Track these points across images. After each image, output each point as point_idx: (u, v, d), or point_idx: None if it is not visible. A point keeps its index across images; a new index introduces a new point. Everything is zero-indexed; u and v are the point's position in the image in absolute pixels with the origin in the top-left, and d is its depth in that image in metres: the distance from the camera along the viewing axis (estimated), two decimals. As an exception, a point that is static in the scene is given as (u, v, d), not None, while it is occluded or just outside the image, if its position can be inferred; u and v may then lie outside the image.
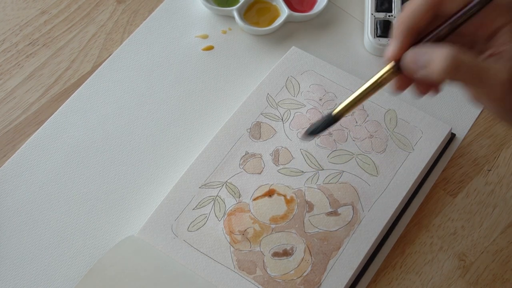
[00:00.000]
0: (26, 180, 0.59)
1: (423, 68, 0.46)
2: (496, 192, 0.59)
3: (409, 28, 0.47)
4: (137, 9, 0.69)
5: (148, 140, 0.61)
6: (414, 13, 0.47)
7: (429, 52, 0.45)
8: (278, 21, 0.66)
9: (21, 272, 0.55)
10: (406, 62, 0.47)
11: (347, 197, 0.56)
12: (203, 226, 0.55)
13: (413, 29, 0.47)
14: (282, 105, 0.61)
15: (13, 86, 0.64)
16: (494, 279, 0.55)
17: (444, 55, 0.45)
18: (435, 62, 0.45)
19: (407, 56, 0.47)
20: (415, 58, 0.46)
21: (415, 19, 0.47)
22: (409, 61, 0.47)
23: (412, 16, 0.47)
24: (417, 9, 0.47)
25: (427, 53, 0.46)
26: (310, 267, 0.53)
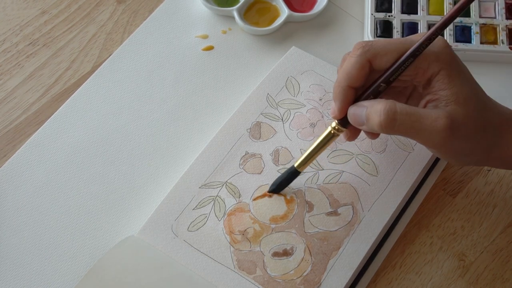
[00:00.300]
0: (26, 180, 0.59)
1: (363, 123, 0.49)
2: (496, 192, 0.59)
3: (346, 88, 0.50)
4: (137, 9, 0.69)
5: (148, 140, 0.61)
6: (349, 74, 0.50)
7: (367, 108, 0.49)
8: (278, 21, 0.66)
9: (21, 272, 0.55)
10: (349, 118, 0.50)
11: (347, 197, 0.56)
12: (203, 226, 0.55)
13: (349, 88, 0.50)
14: (282, 105, 0.61)
15: (13, 86, 0.65)
16: (494, 278, 0.55)
17: (379, 111, 0.48)
18: (373, 117, 0.48)
19: (350, 114, 0.50)
20: (355, 115, 0.50)
21: (350, 80, 0.50)
22: (351, 118, 0.50)
23: (347, 77, 0.50)
24: (351, 70, 0.50)
25: (365, 110, 0.49)
26: (310, 267, 0.53)
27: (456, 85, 0.48)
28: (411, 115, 0.47)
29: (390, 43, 0.49)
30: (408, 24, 0.66)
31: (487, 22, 0.66)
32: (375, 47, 0.49)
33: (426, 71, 0.49)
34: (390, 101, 0.48)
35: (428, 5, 0.67)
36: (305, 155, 0.54)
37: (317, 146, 0.53)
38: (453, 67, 0.48)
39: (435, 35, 0.48)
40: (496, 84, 0.64)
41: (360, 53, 0.49)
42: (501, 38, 0.65)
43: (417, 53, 0.48)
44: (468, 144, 0.49)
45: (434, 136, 0.48)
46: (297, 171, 0.55)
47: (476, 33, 0.65)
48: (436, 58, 0.48)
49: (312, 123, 0.60)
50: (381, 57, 0.49)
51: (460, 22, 0.66)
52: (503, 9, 0.66)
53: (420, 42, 0.48)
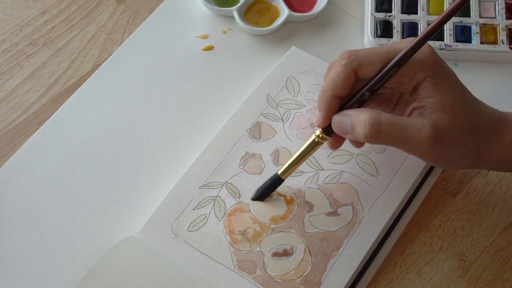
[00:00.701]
0: (26, 180, 0.59)
1: (348, 132, 0.49)
2: (496, 192, 0.59)
3: (330, 98, 0.50)
4: (137, 9, 0.69)
5: (148, 140, 0.61)
6: (334, 83, 0.50)
7: (352, 118, 0.49)
8: (278, 21, 0.66)
9: (21, 272, 0.55)
10: (334, 127, 0.50)
11: (347, 197, 0.56)
12: (203, 226, 0.55)
13: (334, 97, 0.50)
14: (282, 105, 0.61)
15: (13, 86, 0.64)
16: (494, 279, 0.55)
17: (364, 121, 0.48)
18: (358, 127, 0.48)
19: (334, 123, 0.50)
20: (340, 124, 0.50)
21: (335, 89, 0.50)
22: (335, 127, 0.50)
23: (332, 87, 0.50)
24: (336, 79, 0.50)
25: (349, 119, 0.49)
26: (310, 267, 0.53)
27: (441, 92, 0.48)
28: (396, 126, 0.47)
29: (375, 53, 0.49)
30: (408, 24, 0.66)
31: (487, 22, 0.66)
32: (360, 57, 0.49)
33: (412, 79, 0.49)
34: (374, 112, 0.48)
35: (428, 5, 0.67)
36: (288, 163, 0.54)
37: (300, 154, 0.53)
38: (438, 74, 0.48)
39: (419, 44, 0.48)
40: (496, 84, 0.64)
41: (346, 63, 0.49)
42: (501, 38, 0.65)
43: (402, 62, 0.48)
44: (456, 149, 0.49)
45: (420, 145, 0.48)
46: (280, 179, 0.55)
47: (476, 33, 0.65)
48: (422, 66, 0.48)
49: (312, 123, 0.60)
50: (366, 67, 0.49)
51: (460, 22, 0.66)
52: (503, 9, 0.66)
53: (404, 52, 0.48)
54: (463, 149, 0.49)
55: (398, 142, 0.49)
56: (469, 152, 0.50)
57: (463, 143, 0.49)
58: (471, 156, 0.50)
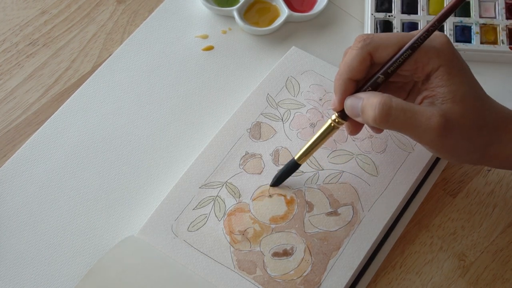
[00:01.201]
0: (26, 180, 0.59)
1: (359, 115, 0.49)
2: (496, 192, 0.59)
3: (346, 81, 0.50)
4: (137, 9, 0.69)
5: (148, 140, 0.61)
6: (350, 66, 0.50)
7: (364, 101, 0.49)
8: (278, 21, 0.66)
9: (21, 272, 0.55)
10: (346, 110, 0.51)
11: (347, 197, 0.56)
12: (203, 226, 0.55)
13: (350, 80, 0.50)
14: (282, 105, 0.61)
15: (13, 86, 0.65)
16: (494, 279, 0.55)
17: (375, 104, 0.48)
18: (368, 110, 0.48)
19: (346, 105, 0.50)
20: (351, 107, 0.50)
21: (351, 72, 0.50)
22: (348, 109, 0.50)
23: (348, 70, 0.50)
24: (352, 62, 0.50)
25: (361, 101, 0.49)
26: (310, 267, 0.53)
27: (454, 83, 0.48)
28: (406, 111, 0.47)
29: (391, 37, 0.49)
30: (408, 24, 0.66)
31: (487, 22, 0.66)
32: (376, 40, 0.49)
33: (425, 66, 0.49)
34: (386, 95, 0.48)
35: (428, 5, 0.67)
36: (305, 148, 0.54)
37: (317, 138, 0.53)
38: (453, 65, 0.48)
39: (433, 27, 0.48)
40: (496, 84, 0.64)
41: (362, 46, 0.49)
42: (501, 38, 0.65)
43: (416, 45, 0.48)
44: (463, 142, 0.49)
45: (428, 134, 0.48)
46: (297, 164, 0.55)
47: (476, 33, 0.65)
48: (437, 54, 0.48)
49: (312, 123, 0.60)
50: (382, 50, 0.49)
51: (460, 22, 0.66)
52: (503, 9, 0.66)
53: (419, 35, 0.48)
54: (470, 144, 0.49)
55: (406, 128, 0.48)
56: (476, 147, 0.50)
57: (471, 137, 0.49)
58: (477, 151, 0.50)
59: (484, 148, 0.50)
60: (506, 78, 0.64)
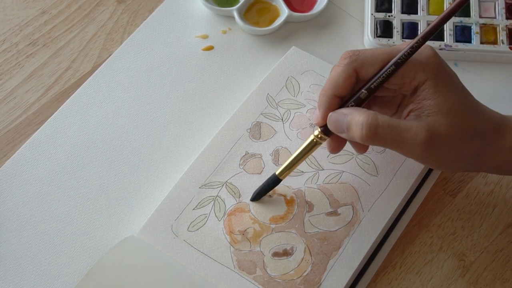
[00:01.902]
0: (26, 180, 0.59)
1: (343, 131, 0.49)
2: (496, 192, 0.59)
3: (331, 96, 0.50)
4: (137, 9, 0.69)
5: (148, 140, 0.61)
6: (335, 83, 0.50)
7: (348, 117, 0.49)
8: (278, 21, 0.66)
9: (21, 272, 0.55)
10: (329, 125, 0.50)
11: (347, 197, 0.56)
12: (203, 226, 0.55)
13: (335, 96, 0.50)
14: (282, 105, 0.61)
15: (13, 86, 0.65)
16: (494, 279, 0.55)
17: (361, 123, 0.48)
18: (354, 128, 0.48)
19: (330, 120, 0.50)
20: (335, 122, 0.50)
21: (336, 88, 0.50)
22: (331, 125, 0.50)
23: (333, 86, 0.50)
24: (337, 79, 0.50)
25: (346, 118, 0.49)
26: (310, 267, 0.53)
27: (441, 95, 0.48)
28: (392, 129, 0.47)
29: (377, 53, 0.49)
30: (408, 24, 0.66)
31: (487, 22, 0.66)
32: (362, 57, 0.49)
33: (412, 80, 0.49)
34: (372, 113, 0.48)
35: (428, 5, 0.67)
36: (287, 163, 0.54)
37: (299, 154, 0.53)
38: (439, 77, 0.48)
39: (418, 44, 0.48)
40: (496, 84, 0.64)
41: (347, 63, 0.49)
42: (501, 38, 0.65)
43: (400, 61, 0.48)
44: (452, 153, 0.49)
45: (414, 149, 0.48)
46: (278, 179, 0.55)
47: (476, 33, 0.65)
48: (423, 68, 0.48)
49: (312, 123, 0.60)
50: (368, 67, 0.49)
51: (460, 22, 0.66)
52: (503, 9, 0.66)
53: (403, 52, 0.48)
54: (461, 153, 0.49)
55: (393, 145, 0.49)
56: (467, 156, 0.50)
57: (461, 147, 0.49)
58: (469, 159, 0.50)
59: (476, 156, 0.50)
60: (506, 78, 0.64)
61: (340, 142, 0.52)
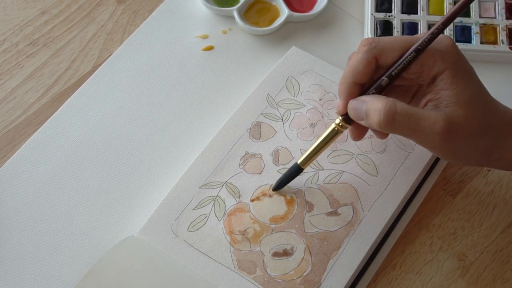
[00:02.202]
0: (26, 180, 0.59)
1: (363, 118, 0.49)
2: (496, 192, 0.59)
3: (351, 84, 0.50)
4: (137, 9, 0.69)
5: (148, 140, 0.61)
6: (355, 70, 0.50)
7: (368, 104, 0.49)
8: (278, 21, 0.66)
9: (21, 272, 0.55)
10: (349, 113, 0.50)
11: (347, 197, 0.56)
12: (203, 226, 0.55)
13: (355, 84, 0.50)
14: (282, 105, 0.61)
15: (13, 86, 0.65)
16: (494, 279, 0.55)
17: (379, 109, 0.48)
18: (372, 114, 0.48)
19: (350, 108, 0.50)
20: (355, 110, 0.50)
21: (356, 76, 0.50)
22: (351, 112, 0.50)
23: (353, 73, 0.50)
24: (357, 66, 0.50)
25: (365, 105, 0.49)
26: (310, 267, 0.53)
27: (458, 86, 0.48)
28: (410, 116, 0.47)
29: (396, 40, 0.49)
30: (408, 24, 0.66)
31: (487, 22, 0.66)
32: (381, 44, 0.49)
33: (431, 69, 0.49)
34: (390, 100, 0.48)
35: (428, 5, 0.67)
36: (308, 152, 0.54)
37: (320, 142, 0.53)
38: (458, 68, 0.48)
39: (438, 30, 0.48)
40: (496, 84, 0.64)
41: (367, 50, 0.49)
42: (501, 38, 0.65)
43: (420, 47, 0.48)
44: (467, 145, 0.49)
45: (432, 138, 0.48)
46: (300, 168, 0.55)
47: (476, 33, 0.65)
48: (442, 57, 0.48)
49: (312, 123, 0.60)
50: (387, 53, 0.49)
51: (460, 22, 0.66)
52: (503, 9, 0.66)
53: (424, 38, 0.48)
54: (474, 146, 0.49)
55: (410, 133, 0.48)
56: (480, 150, 0.49)
57: (475, 140, 0.49)
58: (481, 154, 0.50)
59: (488, 150, 0.50)
60: (506, 78, 0.64)
61: (362, 130, 0.53)
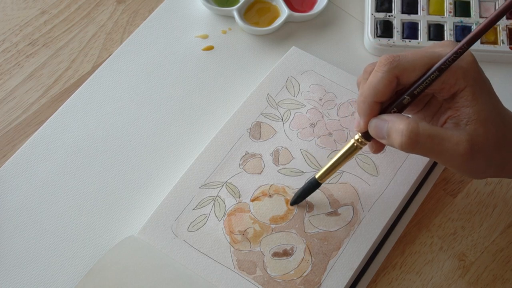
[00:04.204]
0: (26, 180, 0.59)
1: (384, 137, 0.49)
2: (496, 192, 0.59)
3: (372, 104, 0.49)
4: (137, 9, 0.69)
5: (148, 140, 0.61)
6: (375, 89, 0.49)
7: (389, 124, 0.48)
8: (278, 21, 0.66)
9: (21, 272, 0.55)
10: (370, 131, 0.50)
11: (347, 197, 0.56)
12: (203, 226, 0.55)
13: (376, 103, 0.49)
14: (282, 105, 0.61)
15: (13, 86, 0.64)
16: (494, 279, 0.55)
17: (401, 130, 0.47)
18: (394, 135, 0.48)
19: (371, 127, 0.50)
20: (376, 129, 0.49)
21: (376, 95, 0.49)
22: (372, 131, 0.50)
23: (374, 93, 0.49)
24: (377, 85, 0.48)
25: (387, 125, 0.48)
26: (310, 267, 0.53)
27: (479, 103, 0.47)
28: (433, 137, 0.47)
29: (417, 58, 0.48)
30: (408, 24, 0.66)
31: (487, 22, 0.66)
32: (402, 63, 0.48)
33: (452, 86, 0.48)
34: (412, 121, 0.47)
35: (428, 5, 0.67)
36: (326, 167, 0.53)
37: (339, 158, 0.52)
38: (478, 84, 0.48)
39: (462, 49, 0.46)
40: (496, 84, 0.63)
41: (388, 69, 0.48)
42: (501, 38, 0.65)
43: (443, 67, 0.47)
44: (485, 162, 0.48)
45: (455, 159, 0.47)
46: (318, 183, 0.54)
47: (476, 33, 0.65)
48: (464, 74, 0.47)
49: (312, 123, 0.60)
50: (409, 72, 0.48)
51: (460, 22, 0.66)
52: (503, 9, 0.66)
53: (446, 58, 0.47)
54: (490, 162, 0.49)
55: (433, 154, 0.48)
56: (494, 165, 0.49)
57: (492, 156, 0.48)
58: (495, 168, 0.50)
59: (502, 165, 0.50)
60: (506, 78, 0.64)
61: (381, 145, 0.52)
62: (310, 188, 0.55)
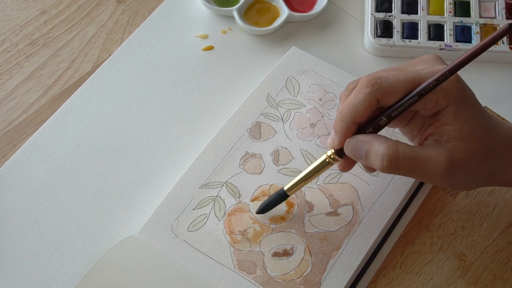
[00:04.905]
0: (26, 180, 0.59)
1: (362, 158, 0.49)
2: (496, 192, 0.59)
3: (350, 123, 0.49)
4: (137, 9, 0.69)
5: (148, 140, 0.61)
6: (355, 110, 0.48)
7: (367, 146, 0.48)
8: (278, 21, 0.66)
9: (21, 272, 0.55)
10: (346, 151, 0.50)
11: (347, 197, 0.56)
12: (203, 226, 0.55)
13: (354, 123, 0.49)
14: (282, 105, 0.61)
15: (13, 86, 0.64)
16: (494, 279, 0.55)
17: (381, 154, 0.47)
18: (374, 159, 0.48)
19: (348, 146, 0.49)
20: (354, 149, 0.49)
21: (355, 116, 0.49)
22: (349, 152, 0.49)
23: (353, 114, 0.49)
24: (357, 106, 0.48)
25: (365, 145, 0.48)
26: (310, 267, 0.53)
27: (461, 120, 0.47)
28: (413, 160, 0.47)
29: (399, 81, 0.47)
30: (408, 24, 0.66)
31: (487, 22, 0.66)
32: (384, 86, 0.47)
33: (434, 106, 0.48)
34: (392, 144, 0.47)
35: (428, 5, 0.67)
36: (296, 180, 0.53)
37: (310, 172, 0.52)
38: (460, 102, 0.48)
39: (444, 77, 0.46)
40: (496, 84, 0.64)
41: (369, 92, 0.47)
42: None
43: (423, 92, 0.47)
44: (471, 175, 0.49)
45: (435, 178, 0.48)
46: (286, 194, 0.54)
47: (476, 33, 0.65)
48: (445, 94, 0.47)
49: (312, 123, 0.60)
50: (390, 96, 0.48)
51: (460, 22, 0.66)
52: (503, 9, 0.66)
53: (427, 83, 0.46)
54: (477, 175, 0.49)
55: (413, 175, 0.48)
56: (481, 177, 0.49)
57: (477, 170, 0.48)
58: (483, 179, 0.50)
59: (490, 176, 0.50)
60: (506, 78, 0.64)
61: (351, 163, 0.52)
62: (278, 199, 0.54)
